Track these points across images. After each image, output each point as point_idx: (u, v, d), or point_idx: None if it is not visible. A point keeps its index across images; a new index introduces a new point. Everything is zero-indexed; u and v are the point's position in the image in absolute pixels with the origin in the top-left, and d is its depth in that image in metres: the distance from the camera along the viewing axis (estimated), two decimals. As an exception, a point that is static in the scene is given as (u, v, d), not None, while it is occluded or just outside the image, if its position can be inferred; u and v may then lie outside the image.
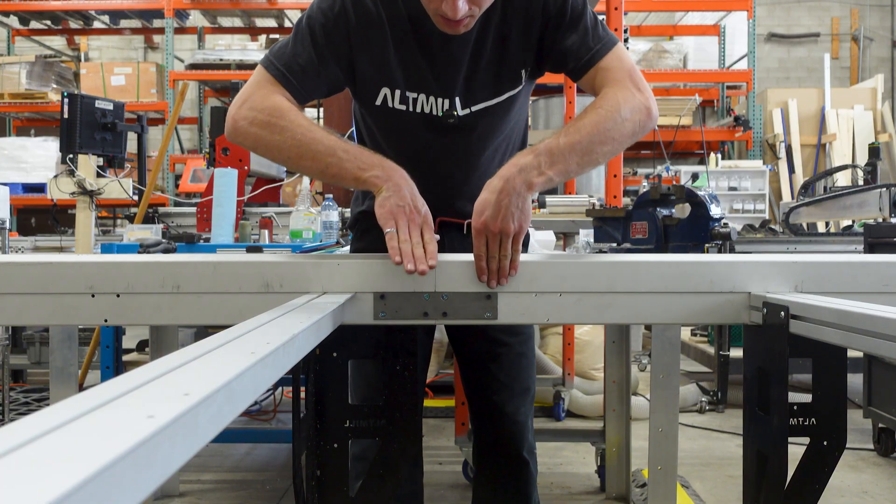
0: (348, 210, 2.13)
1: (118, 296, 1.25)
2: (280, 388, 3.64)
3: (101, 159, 3.78)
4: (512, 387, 1.71)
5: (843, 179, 7.61)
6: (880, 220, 3.99)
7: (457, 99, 1.52)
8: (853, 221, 5.26)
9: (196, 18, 10.58)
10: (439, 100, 1.52)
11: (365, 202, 1.70)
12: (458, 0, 1.31)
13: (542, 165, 1.28)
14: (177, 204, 4.46)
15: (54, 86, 8.69)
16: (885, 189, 3.95)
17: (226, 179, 3.03)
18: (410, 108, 1.52)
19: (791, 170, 8.99)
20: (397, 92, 1.51)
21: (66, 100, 3.71)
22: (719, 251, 2.64)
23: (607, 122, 1.33)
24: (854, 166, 6.20)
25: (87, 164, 3.68)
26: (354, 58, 1.48)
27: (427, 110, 1.52)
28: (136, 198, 3.91)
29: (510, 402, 1.71)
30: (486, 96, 1.53)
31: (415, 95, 1.51)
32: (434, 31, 1.43)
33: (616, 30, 2.97)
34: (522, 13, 1.47)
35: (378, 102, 1.52)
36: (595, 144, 1.31)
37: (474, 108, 1.53)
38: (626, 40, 4.19)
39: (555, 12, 1.46)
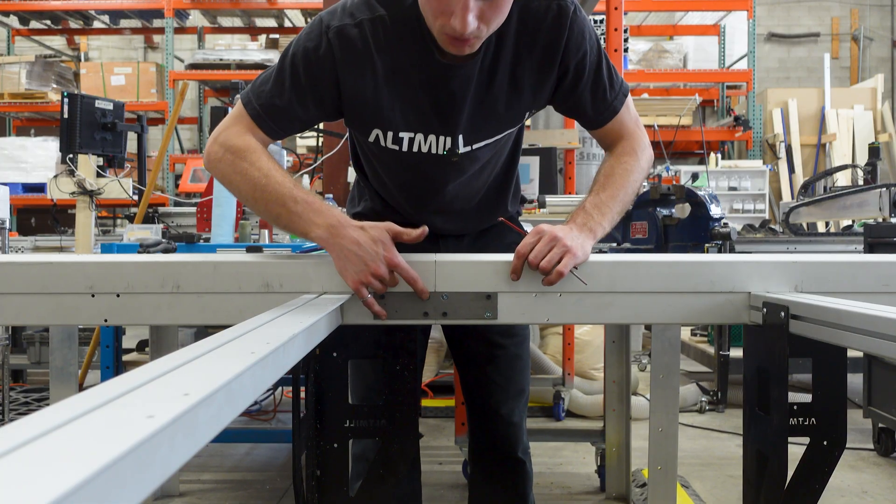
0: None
1: (118, 296, 1.25)
2: (280, 388, 3.64)
3: (101, 159, 3.78)
4: (507, 388, 1.72)
5: (843, 179, 7.61)
6: (880, 220, 3.99)
7: (460, 137, 1.47)
8: (853, 221, 5.26)
9: (196, 18, 10.58)
10: (441, 138, 1.46)
11: (360, 203, 1.70)
12: (469, 14, 1.23)
13: (596, 218, 1.37)
14: (177, 204, 4.46)
15: (54, 86, 8.69)
16: (885, 189, 3.95)
17: (226, 179, 3.02)
18: (404, 149, 1.47)
19: (791, 170, 8.99)
20: (389, 133, 1.45)
21: (65, 100, 3.70)
22: (719, 251, 2.64)
23: (633, 174, 1.47)
24: (854, 166, 6.20)
25: (87, 163, 3.68)
26: (343, 98, 1.42)
27: (426, 150, 1.47)
28: (136, 198, 3.91)
29: (505, 403, 1.72)
30: (489, 135, 1.49)
31: (410, 135, 1.45)
32: (435, 67, 1.38)
33: (616, 30, 2.97)
34: (538, 59, 1.42)
35: (371, 140, 1.48)
36: (629, 195, 1.48)
37: (476, 146, 1.49)
38: (625, 40, 4.19)
39: (574, 67, 1.43)
